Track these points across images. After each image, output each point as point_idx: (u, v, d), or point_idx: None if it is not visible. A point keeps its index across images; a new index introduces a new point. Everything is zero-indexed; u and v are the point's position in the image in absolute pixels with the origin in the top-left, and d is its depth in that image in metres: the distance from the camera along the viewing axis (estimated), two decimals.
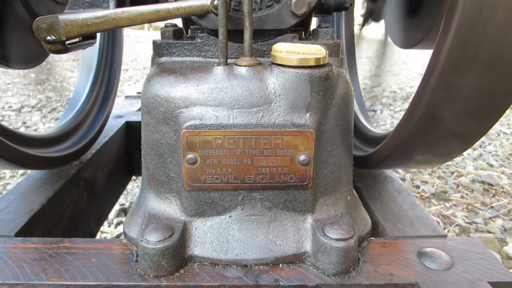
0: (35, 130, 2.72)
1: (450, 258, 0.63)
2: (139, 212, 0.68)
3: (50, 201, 0.81)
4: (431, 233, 0.70)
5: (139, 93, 1.72)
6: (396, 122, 2.94)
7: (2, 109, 3.32)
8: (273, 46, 0.61)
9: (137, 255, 0.62)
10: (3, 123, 0.81)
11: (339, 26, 1.41)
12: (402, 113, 3.20)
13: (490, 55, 0.55)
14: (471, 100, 0.60)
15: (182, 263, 0.59)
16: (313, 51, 0.59)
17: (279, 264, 0.61)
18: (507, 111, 3.27)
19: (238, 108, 0.58)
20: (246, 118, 0.58)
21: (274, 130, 0.58)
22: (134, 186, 1.86)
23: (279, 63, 0.58)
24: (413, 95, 0.64)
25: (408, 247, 0.66)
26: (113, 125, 1.27)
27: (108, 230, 1.48)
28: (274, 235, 0.62)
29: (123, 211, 1.62)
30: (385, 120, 2.89)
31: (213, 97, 0.58)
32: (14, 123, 2.90)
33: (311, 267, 0.60)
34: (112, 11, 0.60)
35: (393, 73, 4.67)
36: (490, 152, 2.21)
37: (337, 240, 0.58)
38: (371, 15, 0.94)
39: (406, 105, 3.48)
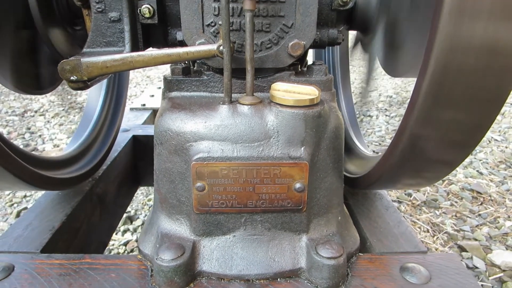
0: (40, 136, 2.79)
1: (428, 273, 0.71)
2: (152, 231, 0.76)
3: (68, 218, 0.89)
4: (413, 249, 0.79)
5: (144, 105, 1.79)
6: (391, 128, 3.03)
7: (6, 114, 3.39)
8: (272, 85, 0.69)
9: (152, 271, 0.70)
10: (22, 147, 0.88)
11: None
12: (398, 119, 3.29)
13: (464, 92, 0.63)
14: (449, 132, 0.68)
15: (192, 278, 0.67)
16: (308, 91, 0.66)
17: (277, 279, 0.69)
18: (498, 117, 3.36)
19: (241, 142, 0.66)
20: (248, 152, 0.65)
21: (273, 162, 0.66)
22: (138, 194, 1.93)
23: (277, 102, 0.66)
24: (408, 99, 0.71)
25: (392, 263, 0.74)
26: (120, 140, 1.34)
27: (115, 238, 1.56)
28: (273, 253, 0.70)
29: (129, 219, 1.70)
30: (380, 126, 2.97)
31: (219, 133, 0.66)
32: (18, 128, 2.97)
33: (305, 282, 0.68)
34: (129, 55, 0.68)
35: (389, 76, 4.75)
36: (480, 160, 2.30)
37: (328, 258, 0.66)
38: (361, 45, 1.01)
39: (402, 111, 3.56)
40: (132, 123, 1.59)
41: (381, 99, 3.85)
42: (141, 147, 1.43)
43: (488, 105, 0.65)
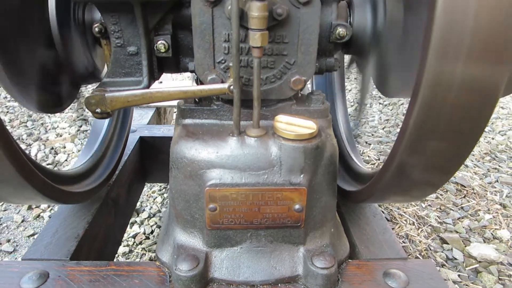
0: (42, 124, 2.84)
1: (407, 278, 0.83)
2: (169, 241, 0.86)
3: (90, 225, 0.99)
4: (395, 256, 0.90)
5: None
6: (384, 117, 3.12)
7: (5, 100, 3.42)
8: (275, 117, 0.78)
9: (170, 277, 0.81)
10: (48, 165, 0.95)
11: None
12: (391, 107, 3.38)
13: (446, 125, 0.71)
14: (433, 160, 0.77)
15: (206, 284, 0.79)
16: (307, 125, 0.76)
17: (278, 284, 0.80)
18: None
19: (248, 171, 0.75)
20: (254, 179, 0.75)
21: (276, 188, 0.75)
22: None
23: (280, 135, 0.75)
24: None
25: (377, 268, 0.85)
26: (129, 142, 1.42)
27: None
28: (275, 262, 0.81)
29: (136, 211, 1.81)
30: (374, 116, 3.07)
31: (229, 162, 0.75)
32: (20, 116, 3.01)
33: (302, 287, 0.80)
34: (148, 91, 0.76)
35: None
36: None
37: (322, 268, 0.77)
38: (356, 66, 1.09)
39: (395, 99, 3.65)
40: (137, 122, 1.67)
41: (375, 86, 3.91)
42: (148, 147, 1.52)
43: (467, 136, 0.74)
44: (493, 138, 2.67)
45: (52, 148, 2.44)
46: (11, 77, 0.79)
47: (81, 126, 2.74)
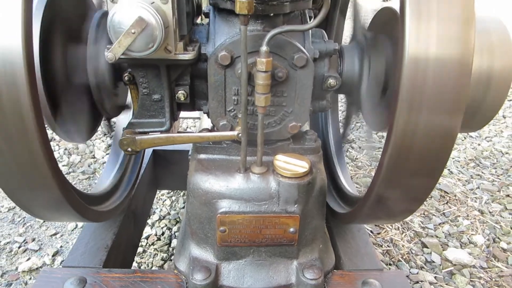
0: None
1: (382, 286, 1.01)
2: (185, 254, 1.04)
3: (117, 236, 1.16)
4: (374, 267, 1.08)
5: None
6: None
7: None
8: (275, 156, 0.94)
9: (186, 283, 0.99)
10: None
11: None
12: None
13: (415, 163, 0.88)
14: (404, 191, 0.94)
15: None
16: (301, 164, 0.92)
17: None
18: None
19: (252, 201, 0.92)
20: (257, 208, 0.92)
21: (274, 215, 0.93)
22: None
23: (279, 173, 0.92)
24: None
25: (357, 278, 1.03)
26: (144, 156, 1.59)
27: None
28: (273, 273, 0.99)
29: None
30: None
31: (237, 194, 0.92)
32: None
33: None
34: (171, 135, 0.93)
35: None
36: (453, 158, 2.59)
37: (311, 279, 0.95)
38: (346, 102, 1.24)
39: None
40: None
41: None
42: (160, 159, 1.69)
43: (433, 171, 0.91)
44: (479, 144, 2.84)
45: (66, 149, 2.60)
46: (57, 120, 0.95)
47: None
